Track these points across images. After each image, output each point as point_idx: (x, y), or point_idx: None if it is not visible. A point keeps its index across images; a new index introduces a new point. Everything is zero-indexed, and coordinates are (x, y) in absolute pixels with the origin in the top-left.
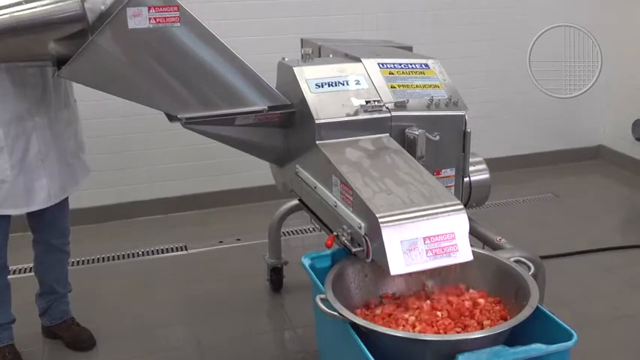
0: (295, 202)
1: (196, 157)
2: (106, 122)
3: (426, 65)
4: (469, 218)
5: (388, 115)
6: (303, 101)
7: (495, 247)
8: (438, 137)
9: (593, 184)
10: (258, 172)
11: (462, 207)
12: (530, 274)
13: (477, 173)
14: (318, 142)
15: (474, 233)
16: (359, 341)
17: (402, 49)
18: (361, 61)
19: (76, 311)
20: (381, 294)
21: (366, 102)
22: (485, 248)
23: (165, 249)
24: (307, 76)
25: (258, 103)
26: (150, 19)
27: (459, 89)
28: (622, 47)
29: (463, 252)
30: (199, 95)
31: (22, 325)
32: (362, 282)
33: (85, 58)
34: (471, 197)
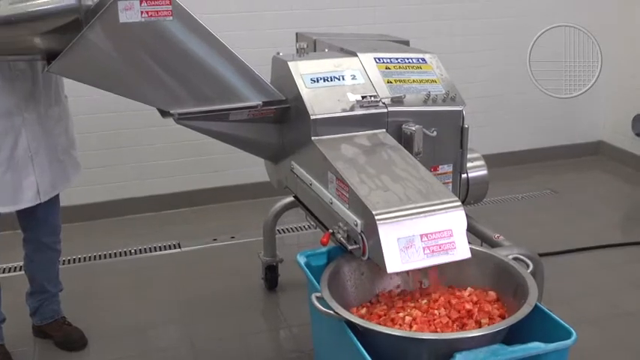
0: (290, 199)
1: (189, 153)
2: (97, 118)
3: (423, 60)
4: (467, 215)
5: (385, 110)
6: (298, 96)
7: (493, 244)
8: (435, 133)
9: (593, 181)
10: (252, 169)
11: (459, 204)
12: (528, 271)
13: (475, 169)
14: (313, 138)
15: (472, 230)
16: (355, 340)
17: (399, 43)
18: (357, 56)
19: (67, 310)
20: (377, 292)
21: (362, 97)
22: (483, 246)
23: (159, 247)
24: (302, 70)
25: (253, 99)
26: (142, 13)
27: (457, 84)
28: (622, 47)
29: (461, 249)
30: (192, 90)
31: (12, 324)
32: (358, 280)
33: (75, 53)
34: (468, 194)
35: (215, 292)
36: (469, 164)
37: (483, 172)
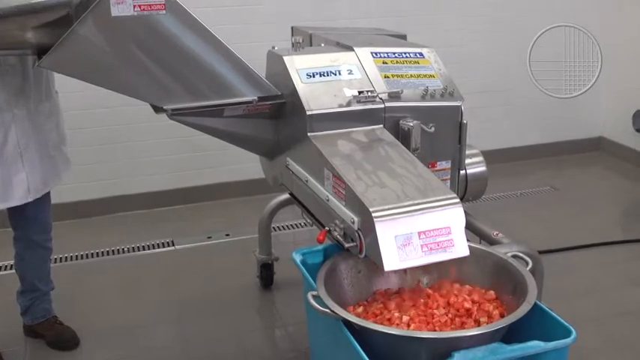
0: (286, 196)
1: (183, 149)
2: (88, 114)
3: (420, 54)
4: (465, 212)
5: (382, 105)
6: (294, 92)
7: (492, 241)
8: (433, 129)
9: (594, 177)
10: (247, 165)
11: (457, 201)
12: (528, 269)
13: (474, 166)
14: (309, 134)
15: (471, 228)
16: (352, 339)
17: (396, 37)
18: (354, 50)
19: (58, 310)
20: (374, 290)
21: (359, 92)
22: (481, 243)
23: (152, 245)
24: (298, 65)
25: (248, 94)
26: (134, 7)
27: (455, 79)
28: (622, 47)
29: (459, 247)
30: (186, 85)
31: (2, 324)
32: (355, 278)
33: (66, 48)
34: (467, 190)
35: (209, 290)
36: (468, 160)
37: (482, 168)
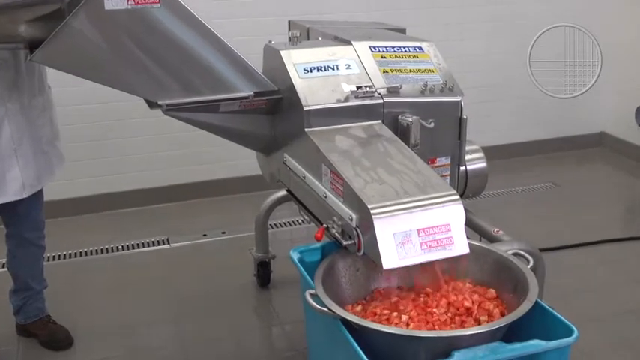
0: (283, 193)
1: (178, 145)
2: (81, 109)
3: (420, 48)
4: (465, 209)
5: (380, 101)
6: (291, 87)
7: (493, 239)
8: (432, 124)
9: (595, 173)
10: (243, 162)
11: (457, 197)
12: (529, 267)
13: (474, 162)
14: (306, 130)
15: (471, 225)
16: (350, 338)
17: (395, 31)
18: (352, 45)
19: (52, 308)
20: (373, 289)
21: (358, 87)
22: (482, 240)
23: (147, 242)
24: (295, 60)
25: (244, 89)
26: (128, 0)
27: (455, 74)
28: (622, 47)
29: (459, 244)
30: (181, 80)
31: None
32: (353, 276)
33: (59, 42)
34: (467, 187)
35: (205, 289)
36: (467, 156)
37: (482, 164)
